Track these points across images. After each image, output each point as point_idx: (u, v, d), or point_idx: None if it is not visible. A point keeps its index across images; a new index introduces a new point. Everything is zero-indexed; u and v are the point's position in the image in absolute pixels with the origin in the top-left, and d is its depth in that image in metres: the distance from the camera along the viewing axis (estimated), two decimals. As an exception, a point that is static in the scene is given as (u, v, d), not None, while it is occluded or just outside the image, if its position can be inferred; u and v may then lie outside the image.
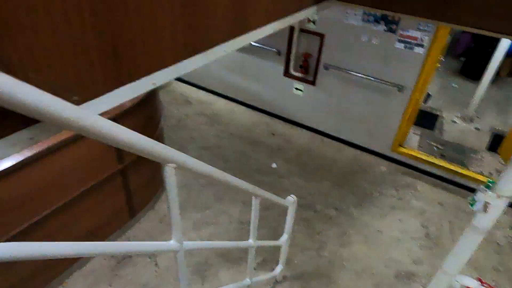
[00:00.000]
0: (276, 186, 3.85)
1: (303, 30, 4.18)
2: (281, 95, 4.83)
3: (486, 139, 4.96)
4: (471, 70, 6.81)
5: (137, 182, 3.07)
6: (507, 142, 4.43)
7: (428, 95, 6.11)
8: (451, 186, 4.08)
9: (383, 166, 4.32)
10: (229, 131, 4.70)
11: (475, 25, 1.45)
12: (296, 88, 4.65)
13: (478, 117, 5.46)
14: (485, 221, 2.21)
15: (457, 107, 5.74)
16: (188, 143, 4.40)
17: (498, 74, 6.11)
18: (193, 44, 0.96)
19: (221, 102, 5.32)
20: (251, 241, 1.96)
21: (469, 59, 6.94)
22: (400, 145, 4.33)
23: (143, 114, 2.88)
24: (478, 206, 2.17)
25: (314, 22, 4.07)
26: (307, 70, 4.42)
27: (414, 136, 4.85)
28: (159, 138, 3.34)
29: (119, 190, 2.92)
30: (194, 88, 5.59)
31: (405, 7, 1.56)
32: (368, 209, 3.68)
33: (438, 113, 5.51)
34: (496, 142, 4.85)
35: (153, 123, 3.16)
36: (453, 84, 6.53)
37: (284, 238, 2.50)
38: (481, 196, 2.12)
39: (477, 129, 5.20)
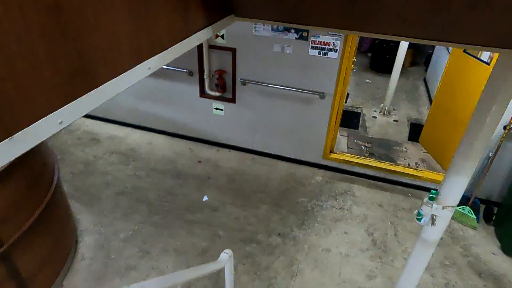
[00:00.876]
0: (210, 223, 3.42)
1: (212, 47, 3.84)
2: (202, 118, 4.42)
3: (405, 130, 5.15)
4: (379, 65, 7.19)
5: (30, 264, 2.40)
6: (425, 131, 4.61)
7: (347, 94, 6.25)
8: (385, 185, 4.08)
9: (319, 176, 4.16)
10: (149, 167, 4.14)
11: (388, 32, 1.27)
12: (216, 108, 4.29)
13: (394, 109, 5.69)
14: (434, 233, 2.07)
15: (374, 102, 5.93)
16: (101, 191, 3.74)
17: (402, 66, 6.49)
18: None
19: (136, 135, 4.72)
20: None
21: (375, 55, 7.31)
22: (331, 151, 4.22)
23: (19, 179, 2.23)
24: (425, 220, 2.03)
25: (223, 37, 3.76)
26: (224, 87, 4.09)
27: (342, 139, 4.82)
28: (57, 198, 2.69)
29: (4, 281, 2.23)
30: (101, 123, 4.89)
31: (313, 20, 1.29)
32: (312, 227, 3.45)
33: (359, 110, 5.62)
34: (414, 131, 5.06)
35: (42, 183, 2.51)
36: (366, 80, 6.79)
37: (226, 299, 2.09)
38: (427, 210, 1.97)
39: (395, 121, 5.40)
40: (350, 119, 5.31)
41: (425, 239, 2.07)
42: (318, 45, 3.49)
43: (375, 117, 5.47)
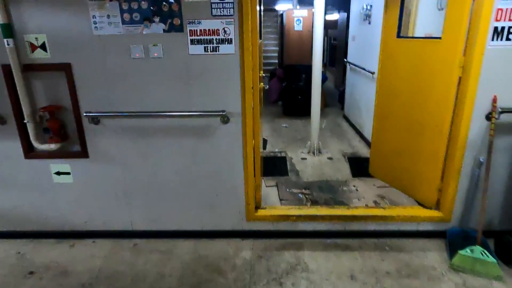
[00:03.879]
0: None
1: (29, 67, 2.28)
2: (36, 193, 2.60)
3: (345, 166, 3.99)
4: (293, 109, 6.35)
5: None
6: (374, 157, 3.47)
7: (264, 140, 5.08)
8: (348, 241, 2.65)
9: (246, 251, 2.55)
10: None
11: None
12: (58, 173, 2.55)
13: (324, 147, 4.60)
14: None
15: (298, 143, 4.81)
16: None
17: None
18: None
19: None
20: None
21: (286, 101, 6.49)
22: (258, 207, 2.72)
23: None
24: None
25: (44, 48, 2.25)
26: (64, 134, 2.45)
27: (270, 190, 3.39)
28: None
29: None
30: None
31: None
32: None
33: (283, 154, 4.38)
34: (357, 166, 3.93)
35: None
36: (283, 125, 5.77)
37: None
38: None
39: (330, 159, 4.25)
40: (275, 166, 4.00)
41: None
42: (201, 37, 2.20)
43: (305, 159, 4.25)
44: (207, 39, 2.20)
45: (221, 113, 2.32)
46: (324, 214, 2.66)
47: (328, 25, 9.22)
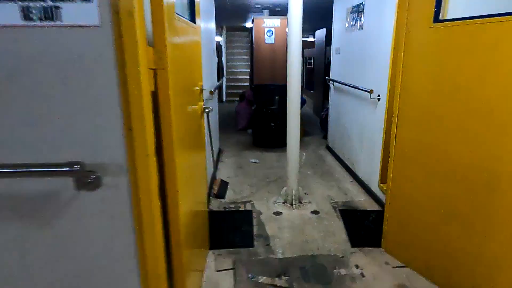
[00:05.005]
0: None
1: None
2: None
3: (338, 226, 2.70)
4: (265, 139, 5.09)
5: None
6: (391, 229, 2.16)
7: (224, 184, 3.73)
8: None
9: None
10: None
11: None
12: None
13: (306, 193, 3.32)
14: None
15: (271, 188, 3.50)
16: None
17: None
18: None
19: None
20: None
21: (258, 128, 5.23)
22: None
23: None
24: None
25: None
26: None
27: (222, 278, 2.03)
28: None
29: None
30: None
31: None
32: None
33: (248, 207, 3.04)
34: (354, 226, 2.66)
35: None
36: (251, 160, 4.46)
37: None
38: None
39: (315, 213, 2.95)
40: (235, 227, 2.66)
41: None
42: (11, -18, 0.89)
43: (280, 213, 2.94)
44: (28, -12, 0.89)
45: (72, 169, 0.97)
46: None
47: (303, 45, 8.28)
